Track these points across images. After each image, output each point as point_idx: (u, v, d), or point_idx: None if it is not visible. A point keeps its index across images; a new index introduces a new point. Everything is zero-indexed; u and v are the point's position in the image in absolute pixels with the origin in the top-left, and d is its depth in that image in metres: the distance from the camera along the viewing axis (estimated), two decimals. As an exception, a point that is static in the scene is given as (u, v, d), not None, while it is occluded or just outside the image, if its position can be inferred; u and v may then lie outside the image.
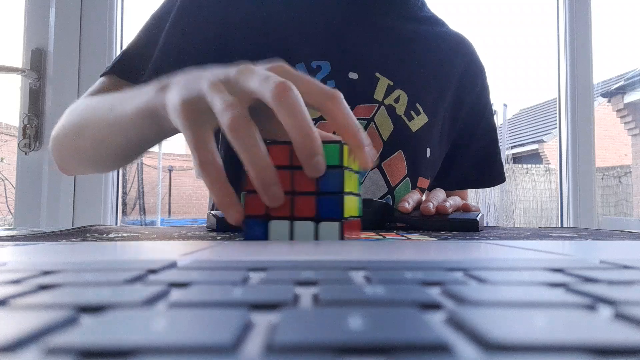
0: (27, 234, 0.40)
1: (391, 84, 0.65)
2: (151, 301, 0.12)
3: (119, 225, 1.08)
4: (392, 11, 0.68)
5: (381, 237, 0.37)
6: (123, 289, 0.13)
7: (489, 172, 0.76)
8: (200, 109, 0.32)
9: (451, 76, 0.71)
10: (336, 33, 0.64)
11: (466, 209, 0.54)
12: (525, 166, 5.21)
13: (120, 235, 0.39)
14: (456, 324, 0.10)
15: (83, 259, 0.21)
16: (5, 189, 2.95)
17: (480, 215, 0.50)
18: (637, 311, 0.10)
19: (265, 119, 0.33)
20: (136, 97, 0.42)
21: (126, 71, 0.59)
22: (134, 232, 0.43)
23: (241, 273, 0.15)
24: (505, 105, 4.88)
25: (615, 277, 0.14)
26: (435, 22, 0.73)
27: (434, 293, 0.12)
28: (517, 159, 6.80)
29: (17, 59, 1.12)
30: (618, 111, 4.98)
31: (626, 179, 4.54)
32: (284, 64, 0.34)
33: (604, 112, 5.42)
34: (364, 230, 0.45)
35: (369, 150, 0.33)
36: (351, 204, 0.34)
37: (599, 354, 0.08)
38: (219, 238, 0.36)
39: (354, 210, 0.35)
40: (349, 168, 0.33)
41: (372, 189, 0.63)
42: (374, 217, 0.50)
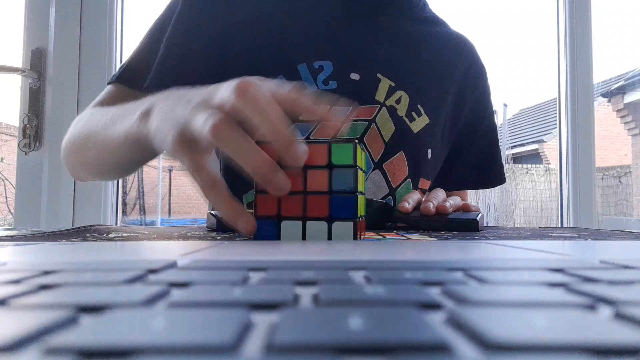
0: (27, 234, 0.40)
1: (392, 85, 0.65)
2: (151, 301, 0.12)
3: (119, 225, 1.08)
4: (394, 11, 0.68)
5: (381, 237, 0.37)
6: (123, 289, 0.13)
7: (489, 173, 0.76)
8: (186, 137, 0.33)
9: (453, 77, 0.71)
10: (338, 33, 0.65)
11: (466, 209, 0.54)
12: (525, 166, 5.21)
13: (120, 235, 0.39)
14: (456, 324, 0.10)
15: (83, 259, 0.21)
16: (5, 189, 2.95)
17: (480, 215, 0.50)
18: (637, 311, 0.10)
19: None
20: (124, 120, 0.43)
21: (131, 79, 0.60)
22: (134, 232, 0.43)
23: (241, 273, 0.15)
24: (505, 105, 4.87)
25: (615, 277, 0.14)
26: (437, 23, 0.73)
27: (434, 293, 0.12)
28: (517, 159, 6.79)
29: (17, 59, 1.12)
30: (618, 111, 4.98)
31: (626, 179, 4.54)
32: (247, 78, 0.34)
33: (604, 112, 5.42)
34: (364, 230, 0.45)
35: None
36: (361, 203, 0.34)
37: (599, 354, 0.08)
38: (219, 238, 0.36)
39: (362, 209, 0.35)
40: (360, 167, 0.33)
41: (374, 189, 0.63)
42: (374, 217, 0.50)
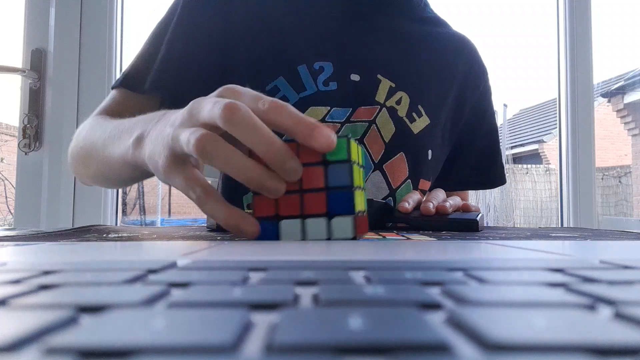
0: (27, 234, 0.40)
1: (393, 85, 0.65)
2: (151, 301, 0.12)
3: (119, 225, 1.08)
4: (395, 12, 0.68)
5: (381, 237, 0.37)
6: (123, 289, 0.13)
7: (489, 173, 0.76)
8: (176, 156, 0.33)
9: (453, 78, 0.71)
10: (338, 33, 0.64)
11: (466, 209, 0.54)
12: (525, 166, 5.21)
13: (120, 235, 0.39)
14: (456, 324, 0.10)
15: (83, 259, 0.22)
16: (5, 189, 2.94)
17: (480, 215, 0.50)
18: (637, 311, 0.10)
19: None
20: (120, 143, 0.44)
21: (134, 84, 0.60)
22: (134, 232, 0.43)
23: (241, 273, 0.15)
24: (505, 105, 4.87)
25: (615, 277, 0.14)
26: (438, 23, 0.73)
27: (434, 293, 0.12)
28: (517, 159, 6.79)
29: (17, 59, 1.12)
30: (618, 111, 4.98)
31: (626, 179, 4.54)
32: (231, 86, 0.34)
33: (604, 112, 5.42)
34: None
35: (327, 131, 0.31)
36: (360, 199, 0.34)
37: (599, 354, 0.08)
38: (219, 238, 0.36)
39: (362, 205, 0.35)
40: (356, 162, 0.33)
41: (374, 190, 0.63)
42: (374, 217, 0.50)
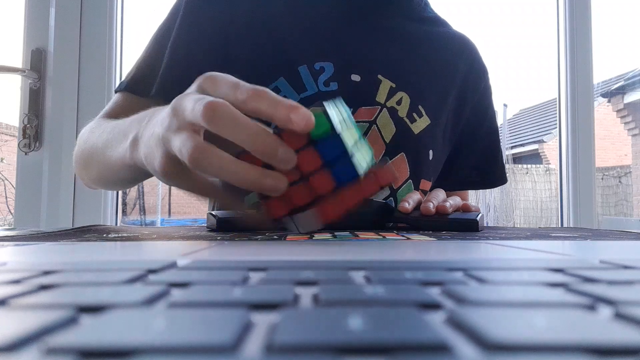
0: (27, 234, 0.40)
1: (393, 86, 0.65)
2: (151, 301, 0.12)
3: (119, 225, 1.08)
4: (396, 11, 0.68)
5: (381, 237, 0.37)
6: (123, 289, 0.13)
7: (490, 173, 0.76)
8: (170, 158, 0.33)
9: (454, 77, 0.71)
10: (338, 33, 0.64)
11: (466, 209, 0.54)
12: (525, 166, 5.21)
13: (120, 235, 0.39)
14: (456, 324, 0.10)
15: (83, 259, 0.22)
16: (5, 189, 2.94)
17: (480, 215, 0.50)
18: (637, 311, 0.10)
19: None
20: (119, 145, 0.44)
21: (138, 88, 0.60)
22: (134, 232, 0.43)
23: (241, 273, 0.15)
24: (505, 105, 4.87)
25: (615, 277, 0.14)
26: (438, 23, 0.73)
27: (434, 293, 0.12)
28: (517, 159, 6.79)
29: (17, 59, 1.12)
30: (618, 111, 4.98)
31: (626, 179, 4.53)
32: (210, 75, 0.34)
33: (604, 112, 5.42)
34: (364, 230, 0.45)
35: (303, 111, 0.30)
36: (362, 155, 0.33)
37: (599, 354, 0.08)
38: (219, 238, 0.36)
39: (366, 159, 0.34)
40: (342, 123, 0.32)
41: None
42: (374, 217, 0.50)
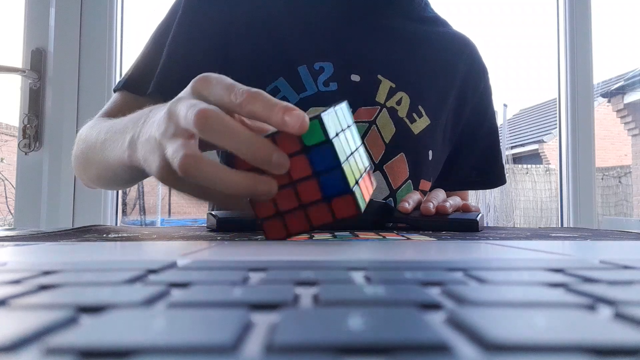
0: (27, 234, 0.40)
1: (393, 86, 0.65)
2: (151, 301, 0.12)
3: (119, 225, 1.08)
4: (396, 11, 0.68)
5: (381, 237, 0.37)
6: (123, 289, 0.13)
7: (490, 173, 0.76)
8: (169, 166, 0.33)
9: (454, 78, 0.71)
10: (338, 33, 0.64)
11: (466, 209, 0.54)
12: (525, 166, 5.20)
13: (120, 235, 0.39)
14: (456, 324, 0.10)
15: (83, 259, 0.22)
16: (5, 189, 2.94)
17: (480, 215, 0.50)
18: (637, 311, 0.10)
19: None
20: (115, 146, 0.43)
21: (137, 86, 0.60)
22: (134, 232, 0.43)
23: (241, 273, 0.15)
24: (505, 105, 4.87)
25: (615, 277, 0.14)
26: (438, 23, 0.73)
27: (434, 293, 0.12)
28: (517, 159, 6.79)
29: (17, 59, 1.12)
30: (618, 111, 4.97)
31: (626, 179, 4.53)
32: (204, 77, 0.34)
33: (604, 112, 5.42)
34: (364, 230, 0.45)
35: (297, 113, 0.30)
36: (355, 167, 0.33)
37: (599, 354, 0.08)
38: (219, 238, 0.36)
39: (361, 168, 0.34)
40: (341, 131, 0.32)
41: (374, 191, 0.63)
42: (374, 217, 0.50)
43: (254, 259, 0.20)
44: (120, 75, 1.16)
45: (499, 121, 4.61)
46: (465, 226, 0.48)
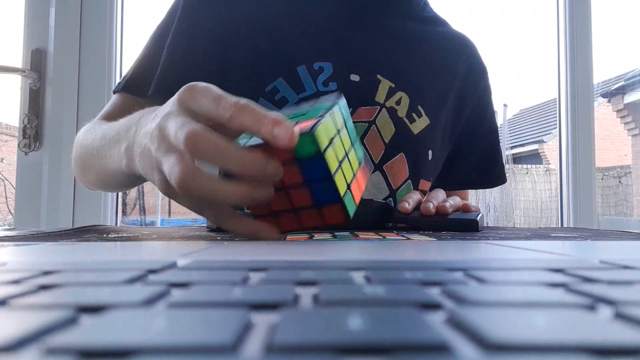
0: (27, 234, 0.40)
1: (393, 86, 0.65)
2: (151, 301, 0.12)
3: (119, 225, 1.08)
4: (395, 11, 0.68)
5: (381, 237, 0.37)
6: (123, 289, 0.13)
7: (490, 173, 0.76)
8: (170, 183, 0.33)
9: (453, 77, 0.71)
10: (338, 33, 0.64)
11: (466, 209, 0.54)
12: (525, 166, 5.20)
13: (120, 235, 0.39)
14: (456, 324, 0.10)
15: (83, 259, 0.22)
16: (5, 189, 2.94)
17: (480, 215, 0.50)
18: (637, 311, 0.10)
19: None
20: (113, 152, 0.44)
21: (136, 88, 0.60)
22: (134, 232, 0.43)
23: (241, 273, 0.15)
24: (505, 106, 4.86)
25: (615, 277, 0.14)
26: (438, 22, 0.73)
27: (434, 293, 0.12)
28: (517, 159, 6.79)
29: (17, 59, 1.12)
30: (618, 111, 4.97)
31: (626, 179, 4.53)
32: (191, 87, 0.33)
33: (604, 112, 5.42)
34: (364, 230, 0.45)
35: (286, 127, 0.30)
36: (348, 168, 0.33)
37: (599, 354, 0.08)
38: (219, 238, 0.36)
39: (355, 163, 0.34)
40: (334, 137, 0.32)
41: (374, 191, 0.63)
42: (374, 217, 0.50)
43: (254, 259, 0.20)
44: (120, 75, 1.16)
45: (499, 121, 4.61)
46: (465, 226, 0.48)
